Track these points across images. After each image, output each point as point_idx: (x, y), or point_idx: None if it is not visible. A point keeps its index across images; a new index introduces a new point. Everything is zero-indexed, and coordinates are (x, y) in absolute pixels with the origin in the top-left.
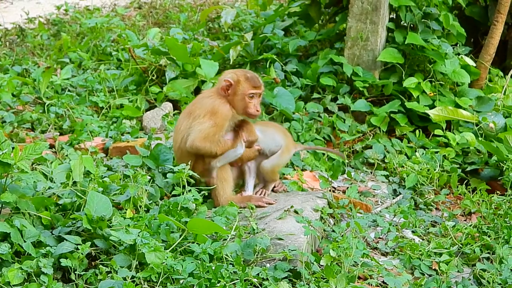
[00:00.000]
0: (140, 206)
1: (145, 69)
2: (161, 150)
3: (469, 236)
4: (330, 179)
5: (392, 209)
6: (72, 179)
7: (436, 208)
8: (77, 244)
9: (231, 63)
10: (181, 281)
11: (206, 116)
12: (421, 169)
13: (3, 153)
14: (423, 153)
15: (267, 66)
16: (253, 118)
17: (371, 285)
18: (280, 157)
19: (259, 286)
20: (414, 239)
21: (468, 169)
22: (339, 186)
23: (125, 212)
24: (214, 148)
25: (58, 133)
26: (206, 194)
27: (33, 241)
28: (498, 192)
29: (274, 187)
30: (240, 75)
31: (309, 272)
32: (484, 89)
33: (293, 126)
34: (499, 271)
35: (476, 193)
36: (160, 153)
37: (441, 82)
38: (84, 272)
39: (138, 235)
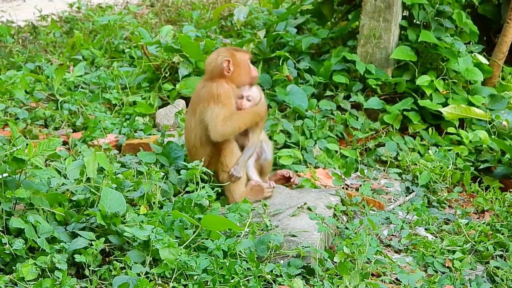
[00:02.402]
0: (154, 203)
1: (158, 67)
2: (172, 147)
3: (483, 233)
4: (343, 176)
5: (405, 207)
6: (86, 175)
7: (449, 206)
8: (91, 240)
9: None
10: (195, 277)
11: (210, 104)
12: (434, 167)
13: (17, 149)
14: (436, 151)
15: (280, 63)
16: (255, 81)
17: (385, 282)
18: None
19: (273, 283)
20: (427, 237)
21: (481, 167)
22: (352, 184)
23: (139, 209)
24: (236, 124)
25: (71, 130)
26: (220, 191)
27: (47, 237)
28: (511, 190)
29: (290, 177)
30: (228, 50)
31: (323, 269)
32: (497, 87)
33: (306, 124)
34: None
35: (489, 191)
36: (171, 151)
37: (454, 80)
38: (98, 268)
39: (152, 231)
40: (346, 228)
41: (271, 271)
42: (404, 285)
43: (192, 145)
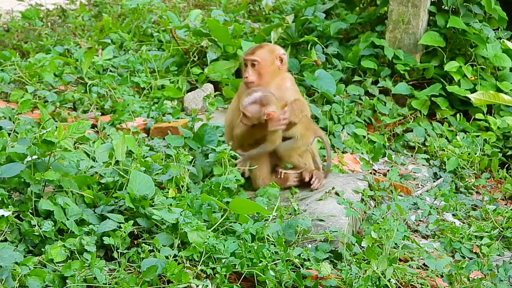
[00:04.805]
0: (182, 186)
1: (186, 51)
2: (206, 130)
3: (510, 219)
4: (371, 161)
5: (432, 192)
6: (115, 158)
7: (477, 192)
8: (120, 223)
9: None
10: (223, 261)
11: (236, 99)
12: (461, 153)
13: (46, 131)
14: (463, 137)
15: (308, 48)
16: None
17: (412, 267)
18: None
19: (301, 267)
20: (454, 222)
21: (509, 153)
22: (379, 169)
23: (167, 192)
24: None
25: (100, 113)
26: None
27: (76, 219)
28: None
29: (310, 179)
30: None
31: (350, 254)
32: None
33: (334, 109)
34: None
35: None
36: (205, 134)
37: (483, 66)
38: (126, 251)
39: (181, 215)
40: (374, 213)
41: (299, 255)
42: (432, 270)
43: (226, 119)
